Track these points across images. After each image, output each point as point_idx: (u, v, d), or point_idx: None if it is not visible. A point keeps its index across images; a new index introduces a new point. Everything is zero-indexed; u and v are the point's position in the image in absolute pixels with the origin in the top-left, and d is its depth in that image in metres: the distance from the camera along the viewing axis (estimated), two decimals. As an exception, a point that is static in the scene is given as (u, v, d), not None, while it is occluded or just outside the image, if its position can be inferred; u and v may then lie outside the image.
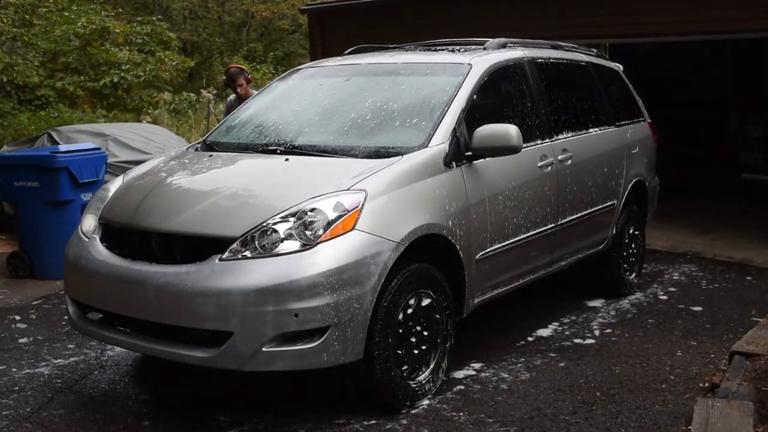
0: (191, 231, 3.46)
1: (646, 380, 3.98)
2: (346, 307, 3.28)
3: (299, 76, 4.94)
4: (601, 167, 5.15)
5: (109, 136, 7.81)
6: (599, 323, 4.92)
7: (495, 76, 4.42)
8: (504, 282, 4.31)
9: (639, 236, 5.70)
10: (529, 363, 4.23)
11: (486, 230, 4.03)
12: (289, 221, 3.35)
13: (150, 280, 3.40)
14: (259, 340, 3.21)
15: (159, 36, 11.87)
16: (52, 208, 6.13)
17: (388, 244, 3.42)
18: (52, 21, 11.06)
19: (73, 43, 10.88)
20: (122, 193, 3.99)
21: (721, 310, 5.17)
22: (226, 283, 3.23)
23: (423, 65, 4.54)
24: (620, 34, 7.58)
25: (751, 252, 6.67)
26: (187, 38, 20.14)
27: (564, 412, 3.62)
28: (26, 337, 4.83)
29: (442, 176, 3.82)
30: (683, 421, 3.46)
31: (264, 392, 3.91)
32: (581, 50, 5.61)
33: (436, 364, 3.76)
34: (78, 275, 3.81)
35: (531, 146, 4.45)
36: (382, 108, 4.22)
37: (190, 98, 16.73)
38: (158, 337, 3.48)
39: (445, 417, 3.57)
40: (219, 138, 4.58)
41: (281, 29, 22.75)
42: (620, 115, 5.62)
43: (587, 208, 4.97)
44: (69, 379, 4.14)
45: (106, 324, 3.76)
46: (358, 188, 3.48)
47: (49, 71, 10.80)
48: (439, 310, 3.76)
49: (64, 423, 3.60)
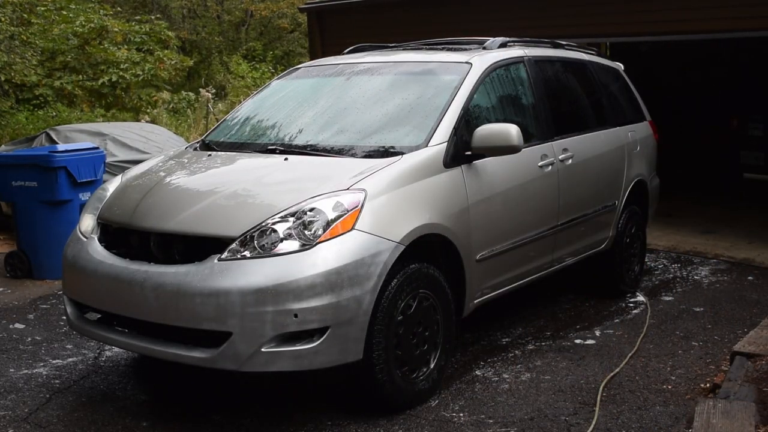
0: (190, 231, 3.45)
1: (647, 381, 3.97)
2: (345, 307, 3.26)
3: (298, 75, 4.93)
4: (601, 167, 5.14)
5: (107, 135, 7.79)
6: (600, 323, 4.91)
7: (495, 75, 4.41)
8: (504, 282, 4.30)
9: (640, 236, 5.69)
10: (530, 363, 4.22)
11: (486, 230, 4.02)
12: (289, 221, 3.33)
13: (148, 280, 3.39)
14: (258, 341, 3.20)
15: (157, 35, 11.84)
16: (51, 208, 6.11)
17: (387, 244, 3.40)
18: (50, 20, 11.03)
19: (71, 42, 10.86)
20: (121, 193, 3.97)
21: (723, 311, 5.16)
22: (225, 283, 3.21)
23: (423, 64, 4.53)
24: (621, 33, 7.57)
25: (753, 252, 6.65)
26: (185, 37, 20.12)
27: (565, 412, 3.61)
28: (24, 338, 4.81)
29: (442, 176, 3.80)
30: (684, 422, 3.45)
31: (263, 393, 3.90)
32: (582, 49, 5.59)
33: (436, 364, 3.74)
34: (76, 275, 3.79)
35: (531, 146, 4.44)
36: (381, 107, 4.21)
37: (189, 97, 16.70)
38: (157, 338, 3.46)
39: (446, 418, 3.56)
40: (218, 137, 4.56)
41: (280, 28, 22.73)
42: (621, 115, 5.61)
43: (588, 207, 4.96)
44: (67, 379, 4.12)
45: (104, 324, 3.74)
46: (358, 188, 3.47)
47: (47, 70, 10.78)
48: (439, 311, 3.74)
49: (63, 424, 3.58)
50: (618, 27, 7.42)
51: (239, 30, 22.83)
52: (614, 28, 7.47)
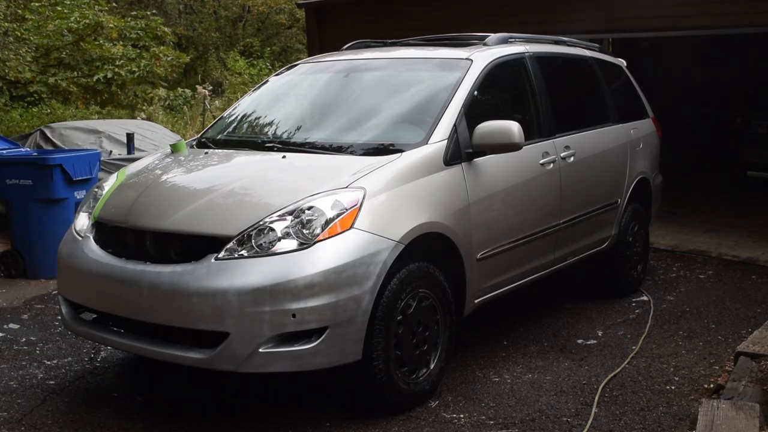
0: (186, 230, 3.41)
1: (650, 381, 3.93)
2: (344, 307, 3.22)
3: (297, 71, 4.89)
4: (604, 164, 5.10)
5: (102, 132, 7.76)
6: (602, 323, 4.86)
7: (496, 71, 4.36)
8: (505, 281, 4.26)
9: (643, 234, 5.64)
10: (531, 363, 4.18)
11: (487, 229, 3.98)
12: (287, 220, 3.29)
13: (144, 280, 3.35)
14: (256, 341, 3.16)
15: (153, 31, 11.76)
16: (46, 206, 6.06)
17: (387, 243, 3.36)
18: (44, 15, 10.95)
19: (66, 38, 10.78)
20: (116, 191, 3.92)
21: (726, 310, 5.12)
22: (222, 283, 3.17)
23: (423, 60, 4.50)
24: (624, 28, 7.52)
25: (757, 251, 6.61)
26: (182, 33, 20.04)
27: (566, 413, 3.57)
28: (19, 338, 4.77)
29: (443, 174, 3.76)
30: (687, 423, 3.42)
31: (261, 394, 3.86)
32: (584, 45, 5.55)
33: (436, 365, 3.70)
34: (71, 274, 3.76)
35: (533, 143, 4.39)
36: (381, 104, 4.19)
37: (186, 94, 16.66)
38: (153, 338, 3.43)
39: (446, 419, 3.53)
40: (215, 135, 4.52)
41: (278, 24, 22.67)
42: (624, 112, 5.56)
43: (590, 206, 4.91)
44: (62, 380, 4.08)
45: (99, 324, 3.70)
46: (357, 186, 3.43)
47: (41, 67, 10.70)
48: (439, 310, 3.70)
49: (58, 425, 3.55)
50: (621, 23, 7.37)
51: (236, 26, 22.77)
52: (617, 24, 7.43)
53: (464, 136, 3.92)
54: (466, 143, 3.91)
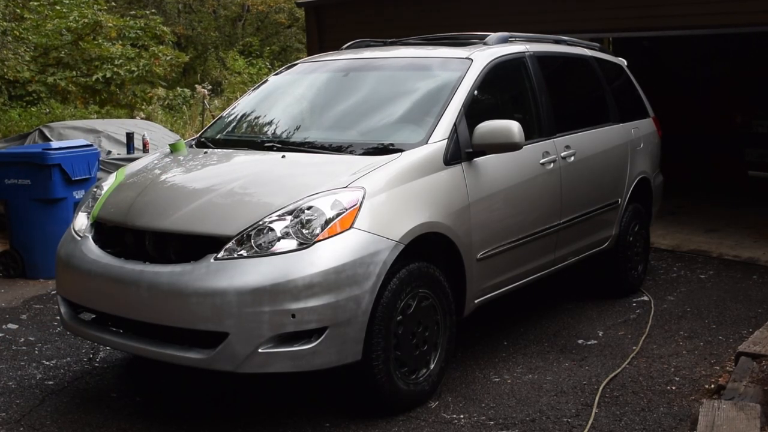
0: (186, 230, 3.39)
1: (651, 382, 3.92)
2: (344, 307, 3.21)
3: (296, 71, 4.88)
4: (604, 164, 5.08)
5: (101, 132, 7.74)
6: (602, 323, 4.85)
7: (496, 71, 4.35)
8: (505, 281, 4.24)
9: (643, 234, 5.63)
10: (531, 364, 4.17)
11: (487, 229, 3.97)
12: (286, 219, 3.28)
13: (143, 280, 3.34)
14: (256, 341, 3.15)
15: (152, 30, 11.75)
16: (44, 206, 6.04)
17: (386, 243, 3.35)
18: (43, 15, 10.93)
19: (65, 38, 10.76)
20: (115, 191, 3.91)
21: (727, 310, 5.11)
22: (222, 283, 3.16)
23: (423, 60, 4.48)
24: (624, 28, 7.51)
25: (758, 251, 6.60)
26: (181, 32, 20.02)
27: (566, 414, 3.56)
28: (17, 338, 4.75)
29: (442, 173, 3.75)
30: (688, 424, 3.41)
31: (260, 394, 3.84)
32: (584, 45, 5.54)
33: (436, 365, 3.69)
34: (70, 274, 3.75)
35: (533, 143, 4.38)
36: (380, 104, 4.18)
37: (185, 94, 16.64)
38: (152, 338, 3.41)
39: (446, 419, 3.51)
40: (214, 134, 4.51)
41: (278, 23, 22.65)
42: (624, 111, 5.55)
43: (590, 206, 4.90)
44: (61, 380, 4.07)
45: (98, 324, 3.69)
46: (357, 186, 3.41)
47: (40, 66, 10.68)
48: (439, 310, 3.69)
49: (56, 425, 3.54)
50: (621, 22, 7.36)
51: (235, 25, 22.74)
52: (618, 23, 7.41)
53: (464, 135, 3.90)
54: (466, 143, 3.90)
